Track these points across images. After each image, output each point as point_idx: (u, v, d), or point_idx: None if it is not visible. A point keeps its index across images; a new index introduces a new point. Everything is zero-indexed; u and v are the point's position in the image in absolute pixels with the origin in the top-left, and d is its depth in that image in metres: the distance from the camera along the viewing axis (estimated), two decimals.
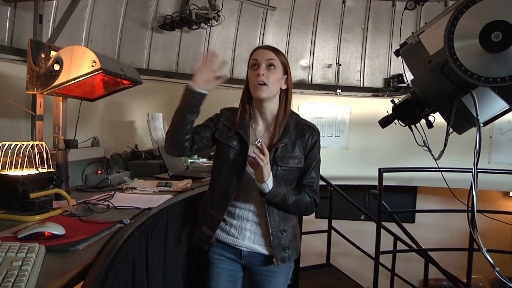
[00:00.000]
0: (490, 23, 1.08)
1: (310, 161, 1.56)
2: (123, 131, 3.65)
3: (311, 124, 1.60)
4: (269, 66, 1.47)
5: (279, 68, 1.49)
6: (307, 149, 1.55)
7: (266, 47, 1.52)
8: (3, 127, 2.62)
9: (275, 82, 1.48)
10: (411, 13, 4.97)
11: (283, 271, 1.59)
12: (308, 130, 1.56)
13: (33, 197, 1.42)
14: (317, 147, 1.57)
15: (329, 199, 3.80)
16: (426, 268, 3.35)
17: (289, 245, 1.55)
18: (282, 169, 1.50)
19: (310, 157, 1.55)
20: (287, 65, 1.53)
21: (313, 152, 1.56)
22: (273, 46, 1.55)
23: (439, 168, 1.70)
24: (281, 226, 1.53)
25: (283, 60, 1.51)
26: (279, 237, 1.52)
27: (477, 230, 1.23)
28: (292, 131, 1.53)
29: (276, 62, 1.48)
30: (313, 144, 1.55)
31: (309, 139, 1.55)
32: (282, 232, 1.53)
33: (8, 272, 0.81)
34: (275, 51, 1.51)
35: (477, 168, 1.22)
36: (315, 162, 1.57)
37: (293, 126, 1.55)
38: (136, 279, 1.23)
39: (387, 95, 5.16)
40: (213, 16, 4.14)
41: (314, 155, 1.56)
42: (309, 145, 1.55)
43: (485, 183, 4.53)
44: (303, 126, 1.56)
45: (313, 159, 1.56)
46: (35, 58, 1.90)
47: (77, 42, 3.61)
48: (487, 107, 1.31)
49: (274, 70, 1.47)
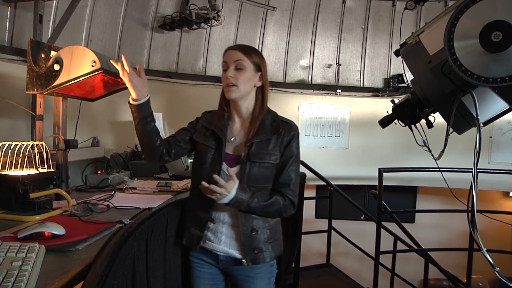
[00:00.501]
0: (490, 23, 1.08)
1: (286, 158, 1.51)
2: (123, 131, 3.65)
3: (288, 120, 1.56)
4: (237, 67, 1.47)
5: (249, 67, 1.48)
6: (282, 145, 1.50)
7: (235, 48, 1.51)
8: (3, 127, 2.62)
9: (245, 82, 1.47)
10: (411, 13, 4.97)
11: (263, 276, 1.55)
12: (284, 126, 1.51)
13: (33, 197, 1.42)
14: (294, 144, 1.52)
15: (329, 199, 3.80)
16: (426, 268, 3.35)
17: (261, 246, 1.49)
18: (256, 165, 1.47)
19: (286, 154, 1.51)
20: (260, 63, 1.51)
21: (289, 149, 1.51)
22: (244, 45, 1.54)
23: (439, 168, 1.70)
24: (253, 225, 1.49)
25: (254, 58, 1.49)
26: (250, 237, 1.48)
27: (477, 230, 1.23)
28: (267, 128, 1.50)
29: (245, 62, 1.47)
30: (289, 140, 1.51)
31: (285, 135, 1.50)
32: (253, 231, 1.48)
33: (8, 272, 0.81)
34: (244, 51, 1.49)
35: (477, 168, 1.22)
36: (292, 159, 1.51)
37: (269, 123, 1.52)
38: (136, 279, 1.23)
39: (387, 95, 5.16)
40: (213, 16, 4.14)
41: (291, 152, 1.51)
42: (285, 141, 1.50)
43: (485, 183, 4.53)
44: (279, 123, 1.52)
45: (289, 156, 1.51)
46: (35, 58, 1.90)
47: (77, 42, 3.61)
48: (487, 107, 1.31)
49: (243, 71, 1.47)
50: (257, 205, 1.43)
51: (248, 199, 1.41)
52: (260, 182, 1.48)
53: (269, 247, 1.52)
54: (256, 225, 1.49)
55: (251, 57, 1.49)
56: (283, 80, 5.20)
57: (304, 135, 5.07)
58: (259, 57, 1.52)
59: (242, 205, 1.41)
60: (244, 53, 1.48)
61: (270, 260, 1.53)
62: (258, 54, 1.53)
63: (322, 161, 4.90)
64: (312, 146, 5.08)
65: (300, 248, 2.95)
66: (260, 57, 1.52)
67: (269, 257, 1.52)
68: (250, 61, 1.48)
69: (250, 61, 1.48)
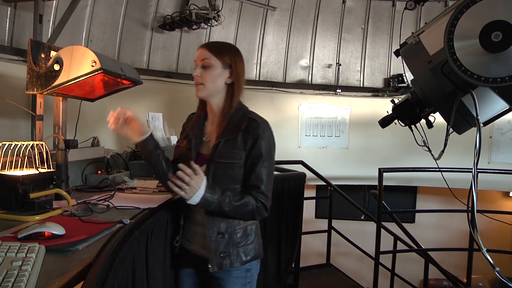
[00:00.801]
0: (490, 23, 1.08)
1: (253, 158, 1.41)
2: None
3: (258, 117, 1.46)
4: (203, 65, 1.45)
5: (216, 65, 1.44)
6: (248, 145, 1.41)
7: (203, 46, 1.48)
8: (3, 127, 2.62)
9: (212, 81, 1.44)
10: (411, 13, 4.97)
11: (237, 281, 1.48)
12: (251, 124, 1.43)
13: (33, 197, 1.42)
14: (262, 143, 1.41)
15: (329, 199, 3.80)
16: (426, 268, 3.35)
17: (227, 250, 1.43)
18: (221, 165, 1.41)
19: (253, 153, 1.41)
20: (230, 60, 1.45)
21: (256, 148, 1.41)
22: (213, 43, 1.52)
23: (439, 168, 1.70)
24: (220, 228, 1.43)
25: (222, 56, 1.45)
26: (216, 240, 1.42)
27: (477, 230, 1.23)
28: (234, 126, 1.44)
29: (211, 60, 1.44)
30: (255, 139, 1.41)
31: (250, 134, 1.42)
32: (219, 235, 1.42)
33: (8, 272, 0.81)
34: (211, 49, 1.45)
35: (477, 168, 1.22)
36: (261, 159, 1.41)
37: (236, 120, 1.45)
38: (136, 279, 1.23)
39: (387, 95, 5.16)
40: (213, 16, 4.14)
41: (258, 151, 1.41)
42: (250, 140, 1.41)
43: (485, 183, 4.53)
44: (247, 120, 1.44)
45: (256, 156, 1.41)
46: (35, 58, 1.90)
47: (77, 42, 3.61)
48: (487, 107, 1.31)
49: (210, 69, 1.44)
50: (229, 205, 1.37)
51: (219, 198, 1.35)
52: (226, 182, 1.41)
53: (239, 251, 1.45)
54: (223, 228, 1.43)
55: (218, 55, 1.45)
56: (283, 80, 5.20)
57: (304, 135, 5.07)
58: (230, 54, 1.47)
59: (213, 203, 1.35)
60: (211, 51, 1.45)
61: (241, 265, 1.45)
62: (229, 50, 1.48)
63: (322, 161, 4.91)
64: (312, 146, 5.08)
65: (300, 248, 2.95)
66: (232, 54, 1.47)
67: (239, 262, 1.45)
68: (218, 58, 1.44)
69: (218, 59, 1.44)
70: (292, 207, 2.72)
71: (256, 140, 1.41)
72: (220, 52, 1.45)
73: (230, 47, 1.51)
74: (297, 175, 2.80)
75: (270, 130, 1.46)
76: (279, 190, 2.61)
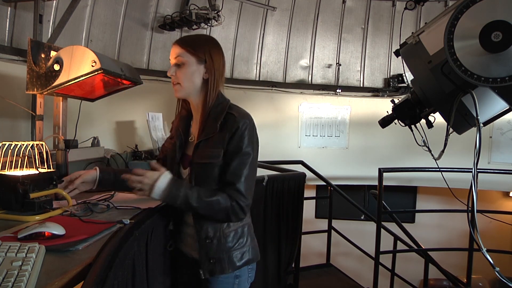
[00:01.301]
0: (490, 23, 1.08)
1: (230, 153, 1.32)
2: (123, 131, 3.65)
3: (237, 111, 1.35)
4: (177, 63, 1.36)
5: (190, 62, 1.35)
6: (225, 141, 1.32)
7: (176, 42, 1.38)
8: (3, 127, 2.62)
9: (187, 79, 1.35)
10: (411, 13, 4.97)
11: (223, 287, 1.40)
12: (228, 118, 1.33)
13: (33, 197, 1.42)
14: (239, 137, 1.31)
15: (329, 199, 3.80)
16: (426, 268, 3.35)
17: (217, 256, 1.35)
18: (200, 166, 1.35)
19: (230, 149, 1.31)
20: (204, 53, 1.35)
21: (233, 143, 1.31)
22: (185, 37, 1.40)
23: (439, 168, 1.70)
24: (207, 232, 1.36)
25: (195, 50, 1.35)
26: (205, 245, 1.36)
27: (477, 230, 1.23)
28: (212, 123, 1.34)
29: (184, 57, 1.34)
30: (232, 134, 1.31)
31: (227, 128, 1.32)
32: (207, 239, 1.35)
33: (8, 272, 0.81)
34: (183, 44, 1.36)
35: (477, 168, 1.22)
36: (238, 154, 1.31)
37: (214, 117, 1.35)
38: (136, 279, 1.23)
39: (387, 95, 5.16)
40: (213, 16, 4.14)
41: (235, 146, 1.31)
42: (228, 135, 1.31)
43: (485, 183, 4.53)
44: (224, 115, 1.34)
45: (234, 151, 1.31)
46: (35, 58, 1.90)
47: (77, 42, 3.61)
48: (487, 107, 1.31)
49: (183, 66, 1.35)
50: (198, 201, 1.28)
51: (185, 192, 1.27)
52: (208, 184, 1.34)
53: (232, 255, 1.37)
54: (211, 232, 1.35)
55: (191, 50, 1.35)
56: (283, 80, 5.20)
57: (304, 135, 5.07)
58: (204, 47, 1.36)
59: (178, 198, 1.27)
60: (184, 47, 1.35)
61: (233, 271, 1.37)
62: (202, 43, 1.37)
63: (322, 161, 4.91)
64: (312, 146, 5.08)
65: (300, 248, 2.95)
66: (206, 47, 1.36)
67: (231, 267, 1.37)
68: (190, 53, 1.34)
69: (190, 54, 1.34)
70: (292, 207, 2.72)
71: (233, 135, 1.31)
72: (192, 47, 1.35)
73: (204, 40, 1.40)
74: (297, 175, 2.80)
75: (250, 124, 1.34)
76: (279, 190, 2.61)
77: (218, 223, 1.36)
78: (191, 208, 1.31)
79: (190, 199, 1.28)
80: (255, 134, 1.36)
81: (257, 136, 1.38)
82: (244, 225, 1.43)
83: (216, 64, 1.37)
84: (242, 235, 1.41)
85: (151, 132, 2.89)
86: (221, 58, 1.40)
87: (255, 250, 1.47)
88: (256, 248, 1.47)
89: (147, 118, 2.90)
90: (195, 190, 1.30)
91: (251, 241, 1.45)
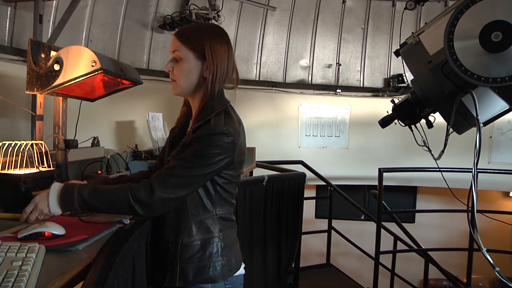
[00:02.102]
0: (490, 23, 1.08)
1: (176, 150, 1.21)
2: (123, 131, 3.65)
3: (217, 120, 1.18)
4: (175, 57, 1.24)
5: (187, 57, 1.21)
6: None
7: (175, 34, 1.25)
8: (3, 127, 2.62)
9: (184, 76, 1.23)
10: (411, 13, 4.97)
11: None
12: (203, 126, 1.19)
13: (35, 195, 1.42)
14: (196, 140, 1.17)
15: (329, 199, 3.80)
16: (426, 268, 3.35)
17: (171, 264, 1.24)
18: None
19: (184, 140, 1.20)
20: (203, 48, 1.20)
21: (190, 137, 1.19)
22: (184, 28, 1.27)
23: (439, 168, 1.70)
24: (169, 237, 1.25)
25: (194, 44, 1.20)
26: (164, 249, 1.27)
27: (477, 230, 1.23)
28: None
29: (182, 51, 1.21)
30: (195, 134, 1.18)
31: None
32: (168, 243, 1.25)
33: (8, 272, 0.81)
34: (181, 37, 1.22)
35: (477, 168, 1.22)
36: (184, 151, 1.17)
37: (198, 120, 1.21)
38: (136, 279, 1.23)
39: (387, 95, 5.16)
40: (213, 16, 4.14)
41: (189, 138, 1.19)
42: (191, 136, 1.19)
43: (485, 183, 4.53)
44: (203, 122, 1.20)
45: (185, 141, 1.20)
46: (35, 58, 1.90)
47: (77, 42, 3.61)
48: (487, 107, 1.31)
49: (181, 62, 1.22)
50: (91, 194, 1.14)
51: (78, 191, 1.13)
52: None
53: (185, 268, 1.22)
54: (171, 238, 1.24)
55: (190, 44, 1.21)
56: (283, 80, 5.20)
57: (304, 135, 5.07)
58: (204, 41, 1.20)
59: (74, 200, 1.13)
60: (181, 39, 1.22)
61: (184, 285, 1.22)
62: (202, 37, 1.21)
63: (322, 161, 4.91)
64: (312, 146, 5.08)
65: (300, 248, 2.95)
66: (206, 40, 1.20)
67: (182, 281, 1.22)
68: (188, 48, 1.21)
69: (188, 49, 1.21)
70: (292, 207, 2.72)
71: (194, 138, 1.17)
72: (191, 40, 1.21)
73: (204, 31, 1.24)
74: (297, 175, 2.80)
75: (221, 133, 1.15)
76: (279, 190, 2.61)
77: (180, 228, 1.23)
78: (89, 205, 1.15)
79: (84, 195, 1.13)
80: (226, 150, 1.16)
81: (232, 153, 1.18)
82: (210, 239, 1.24)
83: (218, 60, 1.21)
84: (204, 248, 1.22)
85: (151, 132, 2.89)
86: (225, 52, 1.23)
87: (226, 268, 1.25)
88: (229, 265, 1.26)
89: (147, 118, 2.90)
90: (89, 185, 1.18)
91: (220, 256, 1.24)
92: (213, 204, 1.25)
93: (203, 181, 1.19)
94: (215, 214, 1.25)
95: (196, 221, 1.23)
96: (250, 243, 2.45)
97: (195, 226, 1.23)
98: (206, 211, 1.24)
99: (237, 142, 1.20)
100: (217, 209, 1.26)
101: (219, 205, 1.26)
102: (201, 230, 1.23)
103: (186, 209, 1.23)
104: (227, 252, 1.27)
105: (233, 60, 1.27)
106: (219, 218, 1.26)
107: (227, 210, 1.30)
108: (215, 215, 1.25)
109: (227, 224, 1.29)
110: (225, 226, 1.28)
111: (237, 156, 1.22)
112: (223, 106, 1.24)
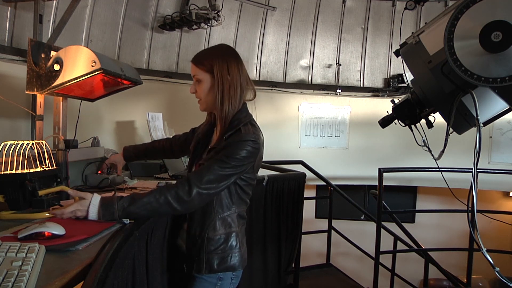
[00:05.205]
0: (490, 23, 1.08)
1: (212, 154, 1.36)
2: (123, 131, 3.65)
3: (246, 128, 1.37)
4: (196, 80, 1.44)
5: (205, 78, 1.41)
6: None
7: (192, 61, 1.45)
8: (3, 127, 2.62)
9: (206, 93, 1.42)
10: (411, 13, 4.97)
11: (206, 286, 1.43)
12: (235, 133, 1.36)
13: (41, 194, 1.42)
14: (229, 144, 1.34)
15: (329, 199, 3.80)
16: (426, 268, 3.35)
17: (198, 255, 1.41)
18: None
19: (216, 150, 1.36)
20: (211, 67, 1.39)
21: (220, 147, 1.35)
22: (197, 55, 1.45)
23: (439, 168, 1.70)
24: (196, 231, 1.42)
25: (206, 66, 1.40)
26: (192, 241, 1.43)
27: (477, 230, 1.23)
28: (224, 136, 1.39)
29: (200, 74, 1.41)
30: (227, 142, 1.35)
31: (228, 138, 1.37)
32: (195, 236, 1.42)
33: (8, 272, 0.81)
34: (196, 62, 1.43)
35: (477, 168, 1.22)
36: (216, 156, 1.34)
37: (227, 130, 1.39)
38: (136, 279, 1.23)
39: (387, 95, 5.16)
40: (213, 16, 4.14)
41: (220, 148, 1.35)
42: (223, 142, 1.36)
43: (485, 183, 4.53)
44: (234, 130, 1.37)
45: (216, 151, 1.35)
46: (35, 58, 1.90)
47: (77, 42, 3.61)
48: (487, 107, 1.31)
49: (201, 83, 1.42)
50: (132, 203, 1.26)
51: (118, 201, 1.25)
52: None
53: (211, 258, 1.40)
54: (198, 230, 1.42)
55: (203, 66, 1.41)
56: (283, 80, 5.20)
57: (304, 135, 5.07)
58: (208, 60, 1.40)
59: (115, 211, 1.24)
60: (196, 64, 1.43)
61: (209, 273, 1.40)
62: (207, 57, 1.42)
63: (322, 161, 4.91)
64: (312, 146, 5.08)
65: (300, 248, 2.95)
66: (210, 59, 1.40)
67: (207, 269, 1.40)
68: (203, 70, 1.41)
69: (203, 71, 1.41)
70: (292, 207, 2.72)
71: (226, 144, 1.35)
72: (203, 63, 1.41)
73: (212, 53, 1.44)
74: (297, 175, 2.80)
75: (250, 140, 1.34)
76: (279, 190, 2.61)
77: (206, 224, 1.40)
78: (130, 214, 1.27)
79: (124, 205, 1.25)
80: (247, 150, 1.33)
81: (250, 154, 1.34)
82: (231, 233, 1.43)
83: (224, 74, 1.38)
84: (226, 241, 1.42)
85: (151, 132, 2.89)
86: (233, 68, 1.40)
87: (241, 258, 1.45)
88: (243, 256, 1.46)
89: (147, 118, 2.90)
90: (125, 196, 1.28)
91: (238, 249, 1.44)
92: (234, 203, 1.43)
93: (231, 180, 1.35)
94: (235, 212, 1.44)
95: (220, 218, 1.41)
96: (250, 243, 2.44)
97: (219, 222, 1.41)
98: (228, 209, 1.42)
99: (261, 149, 1.41)
100: (237, 208, 1.44)
101: (238, 204, 1.44)
102: (224, 225, 1.42)
103: (212, 207, 1.40)
104: (242, 245, 1.47)
105: (245, 74, 1.46)
106: (237, 216, 1.45)
107: (243, 209, 1.49)
108: (235, 213, 1.44)
109: (242, 221, 1.49)
110: (241, 222, 1.48)
111: (257, 161, 1.42)
112: (248, 119, 1.43)
